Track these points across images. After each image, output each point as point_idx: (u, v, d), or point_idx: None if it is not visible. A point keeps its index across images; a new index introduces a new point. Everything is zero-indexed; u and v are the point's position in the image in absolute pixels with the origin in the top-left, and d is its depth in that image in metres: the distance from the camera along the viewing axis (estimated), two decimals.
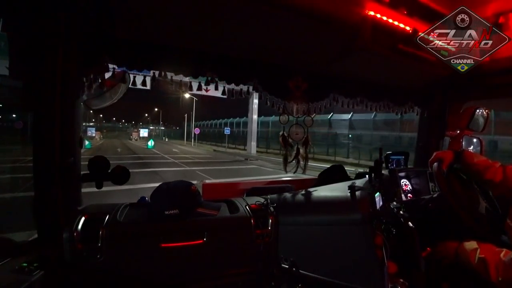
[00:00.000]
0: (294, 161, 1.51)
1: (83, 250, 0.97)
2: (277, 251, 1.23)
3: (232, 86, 1.39)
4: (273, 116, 19.21)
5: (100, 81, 1.14)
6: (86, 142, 17.43)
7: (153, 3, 0.97)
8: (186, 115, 35.52)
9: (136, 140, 36.74)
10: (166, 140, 45.47)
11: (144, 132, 38.40)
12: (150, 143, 21.69)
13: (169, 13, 1.02)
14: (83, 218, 1.01)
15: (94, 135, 31.26)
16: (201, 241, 1.11)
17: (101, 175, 1.11)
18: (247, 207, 1.29)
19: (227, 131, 22.89)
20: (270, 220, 1.23)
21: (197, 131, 27.52)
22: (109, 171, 1.13)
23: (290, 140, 1.51)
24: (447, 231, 1.24)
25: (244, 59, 1.35)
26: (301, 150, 1.51)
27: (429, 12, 1.30)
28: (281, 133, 1.51)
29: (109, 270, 0.99)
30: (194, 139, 30.45)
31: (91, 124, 55.18)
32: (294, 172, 1.56)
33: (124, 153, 16.79)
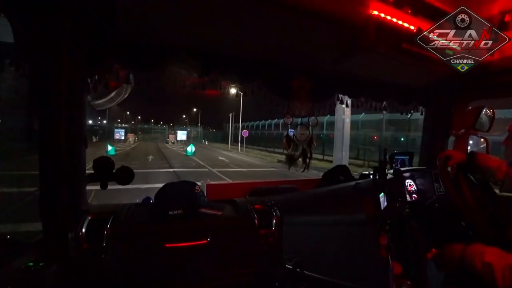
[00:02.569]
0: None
1: (88, 249, 0.98)
2: (281, 252, 1.22)
3: None
4: (363, 114, 13.65)
5: (105, 82, 1.15)
6: (109, 147, 14.60)
7: (157, 5, 0.98)
8: (231, 114, 30.76)
9: (173, 143, 32.32)
10: (206, 143, 38.98)
11: (182, 135, 32.86)
12: (190, 149, 17.65)
13: (172, 14, 1.03)
14: (88, 218, 1.02)
15: (123, 138, 27.26)
16: (205, 241, 1.11)
17: (106, 175, 1.12)
18: (251, 207, 1.28)
19: (291, 133, 18.55)
20: (274, 221, 1.23)
21: (245, 133, 22.97)
22: (114, 171, 1.14)
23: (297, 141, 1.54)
24: (452, 232, 1.23)
25: (248, 59, 1.35)
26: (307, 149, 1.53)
27: (433, 11, 1.29)
28: (285, 133, 1.52)
29: (114, 270, 1.00)
30: (241, 143, 24.18)
31: (123, 125, 47.61)
32: (302, 172, 1.57)
33: (155, 165, 12.00)
